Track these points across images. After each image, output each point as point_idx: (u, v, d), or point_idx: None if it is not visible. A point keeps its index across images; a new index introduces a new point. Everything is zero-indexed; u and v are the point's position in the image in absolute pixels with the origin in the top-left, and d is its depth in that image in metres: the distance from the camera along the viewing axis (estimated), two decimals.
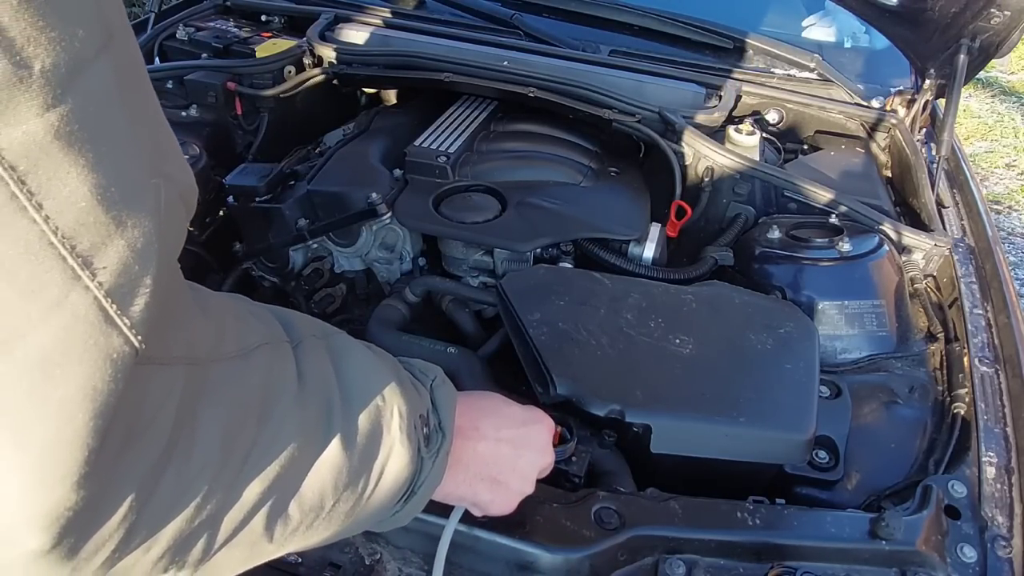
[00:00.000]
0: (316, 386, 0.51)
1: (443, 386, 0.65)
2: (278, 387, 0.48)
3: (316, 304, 1.29)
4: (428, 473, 0.61)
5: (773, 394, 0.89)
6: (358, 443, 0.53)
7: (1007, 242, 3.40)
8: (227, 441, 0.43)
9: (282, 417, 0.48)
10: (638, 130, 1.36)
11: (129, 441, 0.37)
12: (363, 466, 0.54)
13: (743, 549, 0.78)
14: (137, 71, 0.39)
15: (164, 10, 1.75)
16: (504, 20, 1.65)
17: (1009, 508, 0.84)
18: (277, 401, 0.48)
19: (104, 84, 0.34)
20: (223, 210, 1.31)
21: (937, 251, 1.22)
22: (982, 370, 1.02)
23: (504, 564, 0.75)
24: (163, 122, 0.42)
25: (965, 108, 4.46)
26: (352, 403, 0.54)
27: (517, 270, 1.16)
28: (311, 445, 0.50)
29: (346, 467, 0.52)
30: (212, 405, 0.43)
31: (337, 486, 0.52)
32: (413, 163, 1.27)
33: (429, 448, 0.61)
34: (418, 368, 0.66)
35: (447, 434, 0.63)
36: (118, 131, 0.35)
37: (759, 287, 1.11)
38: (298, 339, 0.53)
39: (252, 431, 0.45)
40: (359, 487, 0.54)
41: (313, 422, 0.50)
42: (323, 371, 0.53)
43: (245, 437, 0.45)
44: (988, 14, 1.27)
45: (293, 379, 0.50)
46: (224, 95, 1.43)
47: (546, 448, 0.73)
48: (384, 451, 0.55)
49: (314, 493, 0.50)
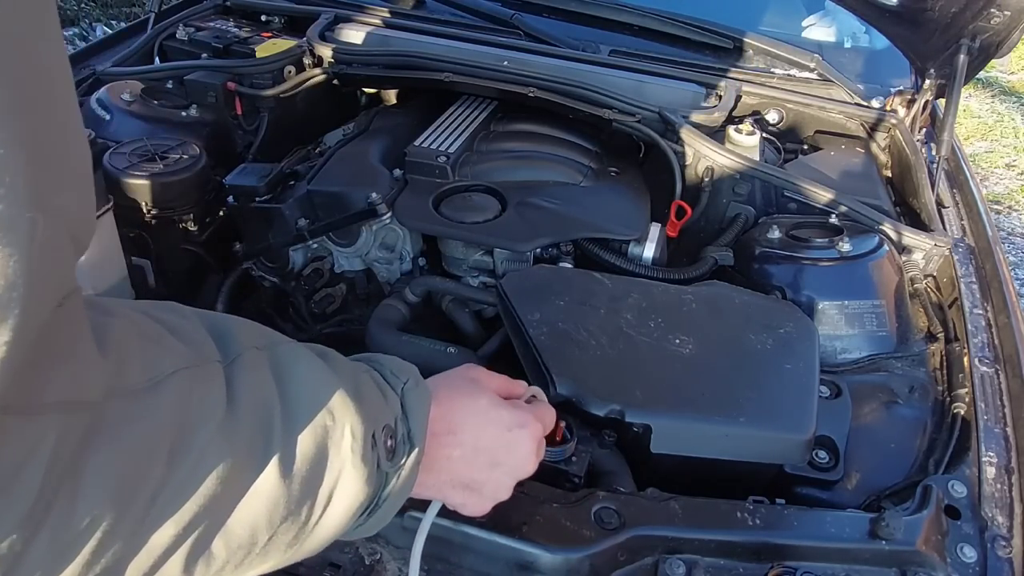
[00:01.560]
0: (251, 407, 0.47)
1: (415, 389, 0.61)
2: (198, 415, 0.44)
3: (316, 304, 1.29)
4: (393, 487, 0.57)
5: (773, 394, 0.89)
6: (299, 469, 0.49)
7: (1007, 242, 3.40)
8: (126, 487, 0.39)
9: (203, 449, 0.43)
10: (638, 130, 1.36)
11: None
12: (305, 494, 0.50)
13: (743, 549, 0.77)
14: (44, 88, 0.34)
15: (164, 10, 1.75)
16: (504, 20, 1.65)
17: (1009, 508, 0.84)
18: (196, 431, 0.43)
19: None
20: (223, 210, 1.31)
21: (937, 251, 1.22)
22: (982, 370, 1.02)
23: (504, 564, 0.75)
24: (70, 143, 0.37)
25: (965, 108, 4.46)
26: (295, 423, 0.49)
27: (517, 270, 1.16)
28: (240, 476, 0.46)
29: (284, 497, 0.48)
30: (104, 450, 0.38)
31: (272, 519, 0.48)
32: (413, 163, 1.27)
33: (394, 462, 0.57)
34: (390, 370, 0.61)
35: (417, 444, 0.59)
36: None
37: (759, 287, 1.11)
38: (235, 354, 0.49)
39: (161, 470, 0.41)
40: (302, 516, 0.50)
41: (244, 450, 0.46)
42: (262, 388, 0.49)
43: (152, 478, 0.41)
44: (988, 14, 1.27)
45: (220, 403, 0.46)
46: (224, 95, 1.43)
47: (528, 457, 0.68)
48: (332, 475, 0.51)
49: (244, 528, 0.46)
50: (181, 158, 1.25)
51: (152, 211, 1.22)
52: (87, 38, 4.26)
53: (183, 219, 1.27)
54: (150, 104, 1.42)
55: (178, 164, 1.24)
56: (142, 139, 1.27)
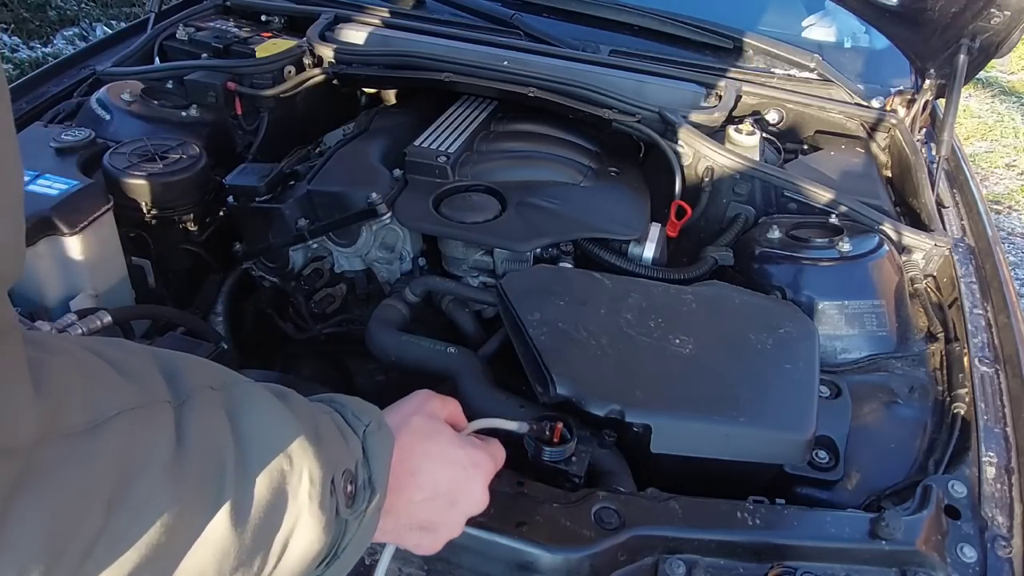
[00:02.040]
0: (202, 450, 0.45)
1: (378, 432, 0.58)
2: (142, 459, 0.41)
3: (316, 304, 1.29)
4: (354, 534, 0.55)
5: (773, 394, 0.89)
6: (252, 517, 0.46)
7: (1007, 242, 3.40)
8: (59, 537, 0.37)
9: (146, 495, 0.41)
10: (638, 130, 1.36)
11: None
12: (259, 544, 0.47)
13: (743, 549, 0.77)
14: None
15: (164, 10, 1.75)
16: (504, 20, 1.65)
17: (1009, 508, 0.84)
18: (139, 476, 0.41)
19: None
20: (223, 210, 1.31)
21: (937, 251, 1.22)
22: (982, 370, 1.02)
23: (504, 564, 0.75)
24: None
25: (965, 108, 4.46)
26: (249, 468, 0.47)
27: (517, 270, 1.16)
28: (188, 524, 0.43)
29: (235, 547, 0.45)
30: (39, 496, 0.36)
31: (222, 570, 0.45)
32: (413, 163, 1.27)
33: (354, 508, 0.55)
34: (352, 411, 0.59)
35: (378, 489, 0.57)
36: None
37: (759, 287, 1.11)
38: (187, 394, 0.46)
39: (99, 518, 0.38)
40: (254, 568, 0.47)
41: (193, 496, 0.43)
42: (215, 430, 0.46)
43: (88, 527, 0.38)
44: (988, 14, 1.27)
45: (167, 446, 0.43)
46: (224, 95, 1.43)
47: (482, 496, 0.67)
48: (287, 523, 0.49)
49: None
50: (181, 158, 1.25)
51: (152, 211, 1.22)
52: (87, 38, 4.26)
53: (183, 219, 1.27)
54: (150, 104, 1.42)
55: (178, 164, 1.24)
56: (142, 139, 1.27)
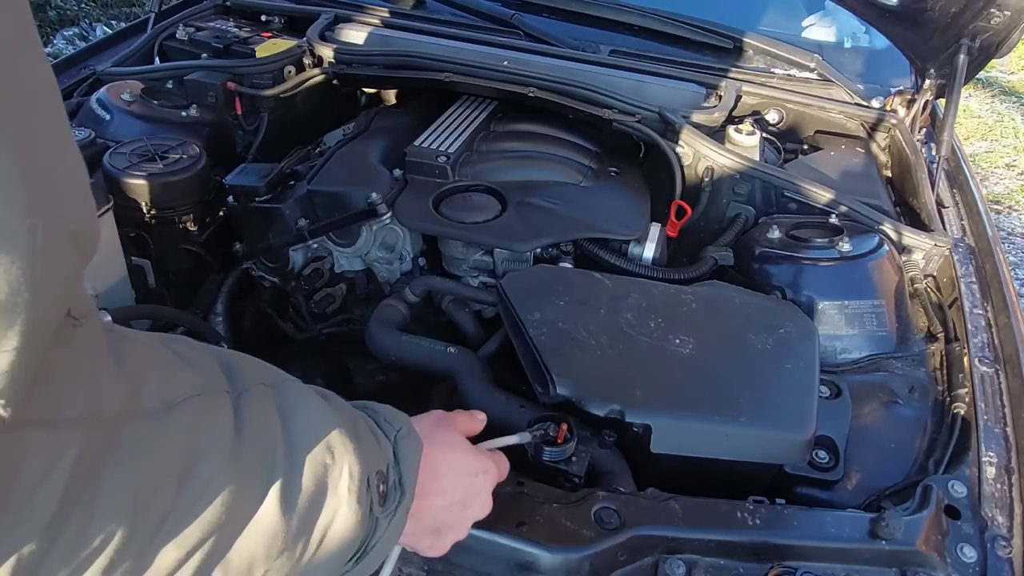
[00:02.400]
0: (256, 439, 0.48)
1: (408, 438, 0.61)
2: (207, 443, 0.44)
3: (316, 304, 1.29)
4: (383, 532, 0.58)
5: (773, 394, 0.89)
6: (299, 505, 0.49)
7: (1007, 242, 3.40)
8: (139, 506, 0.39)
9: (210, 476, 0.44)
10: (638, 130, 1.36)
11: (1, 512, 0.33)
12: (302, 530, 0.50)
13: (743, 549, 0.77)
14: (24, 95, 0.34)
15: (164, 10, 1.75)
16: (504, 20, 1.65)
17: (1009, 508, 0.84)
18: (205, 458, 0.44)
19: None
20: (223, 210, 1.31)
21: (937, 251, 1.22)
22: (982, 370, 1.02)
23: (504, 564, 0.75)
24: (63, 153, 0.37)
25: (965, 108, 4.46)
26: (297, 460, 0.50)
27: (517, 270, 1.16)
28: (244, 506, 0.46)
29: (283, 531, 0.48)
30: (120, 469, 0.39)
31: (270, 552, 0.48)
32: (413, 163, 1.27)
33: (385, 507, 0.57)
34: (384, 417, 0.62)
35: (407, 491, 0.59)
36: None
37: (759, 287, 1.11)
38: (242, 387, 0.50)
39: (171, 493, 0.42)
40: (296, 552, 0.50)
41: (249, 480, 0.46)
42: (267, 423, 0.49)
43: (162, 500, 0.41)
44: (988, 14, 1.27)
45: (228, 433, 0.46)
46: (224, 95, 1.43)
47: (488, 501, 0.71)
48: (328, 513, 0.52)
49: (242, 559, 0.46)
50: (181, 158, 1.25)
51: (152, 211, 1.22)
52: (87, 38, 4.26)
53: (183, 219, 1.27)
54: (150, 104, 1.42)
55: (178, 164, 1.24)
56: (142, 139, 1.27)
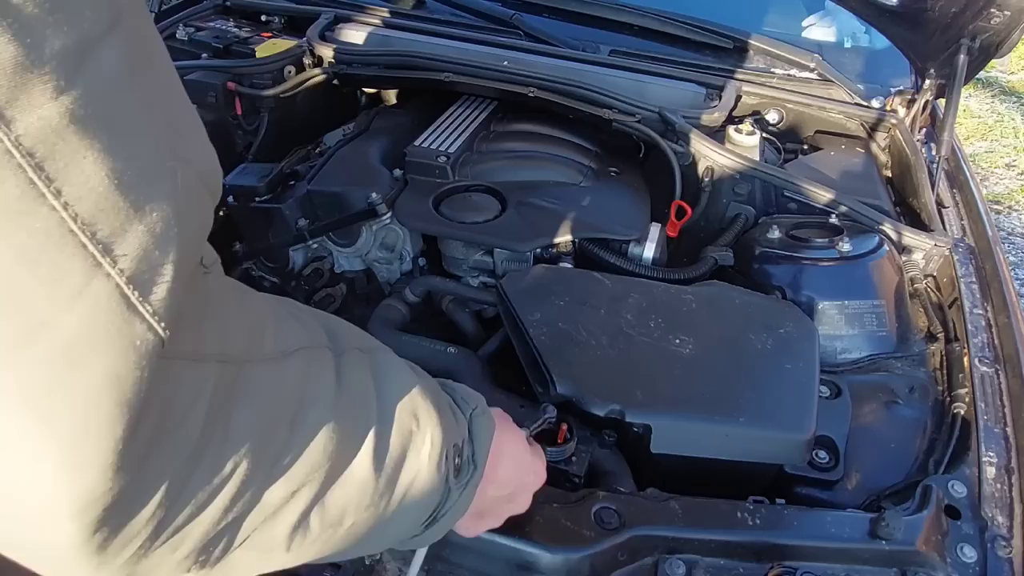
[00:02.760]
0: (354, 398, 0.50)
1: (482, 417, 0.64)
2: (314, 392, 0.47)
3: (316, 304, 1.29)
4: (454, 503, 0.60)
5: (773, 394, 0.89)
6: (387, 464, 0.52)
7: (1007, 242, 3.40)
8: (258, 443, 0.42)
9: (316, 424, 0.46)
10: (638, 130, 1.36)
11: (160, 435, 0.36)
12: (387, 488, 0.52)
13: (743, 549, 0.77)
14: (150, 50, 0.37)
15: (164, 10, 1.75)
16: (504, 20, 1.65)
17: (1009, 508, 0.84)
18: (312, 407, 0.46)
19: (114, 65, 0.33)
20: (223, 210, 1.31)
21: (937, 251, 1.22)
22: (982, 370, 1.02)
23: (504, 564, 0.75)
24: (183, 102, 0.41)
25: (965, 108, 4.46)
26: (387, 422, 0.53)
27: (517, 270, 1.16)
28: (341, 457, 0.48)
29: (372, 486, 0.51)
30: (245, 404, 0.42)
31: (360, 504, 0.50)
32: (413, 163, 1.27)
33: (459, 479, 0.60)
34: (460, 395, 0.64)
35: (479, 467, 0.62)
36: (131, 113, 0.34)
37: (759, 287, 1.10)
38: (341, 349, 0.52)
39: (284, 434, 0.44)
40: (380, 508, 0.53)
41: (346, 434, 0.49)
42: (363, 385, 0.52)
43: (277, 440, 0.44)
44: (988, 14, 1.27)
45: (331, 386, 0.49)
46: (224, 95, 1.43)
47: (529, 501, 0.73)
48: (409, 475, 0.54)
49: (337, 507, 0.49)
50: None
51: None
52: None
53: None
54: None
55: None
56: None
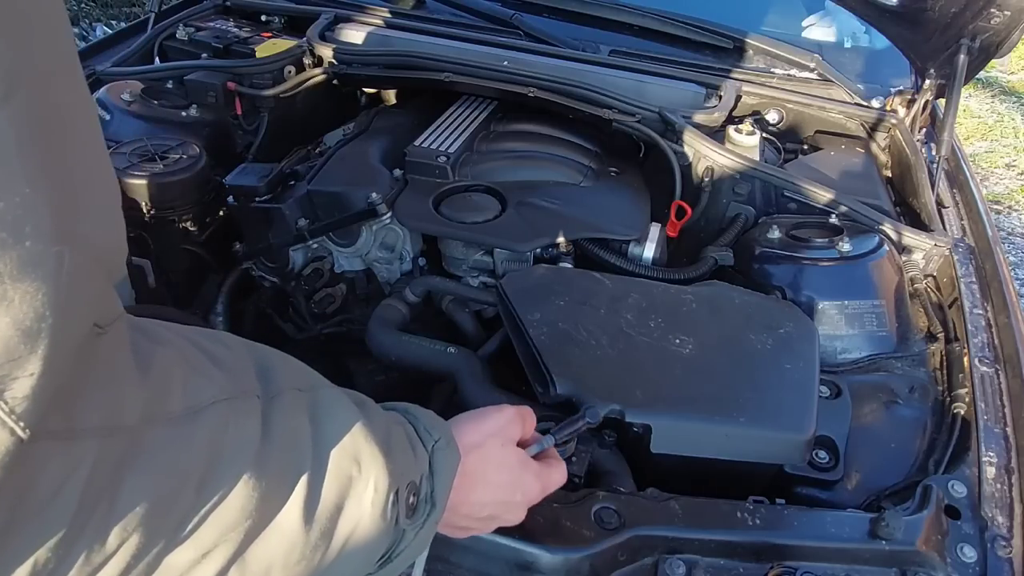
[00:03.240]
0: (283, 447, 0.48)
1: (446, 450, 0.61)
2: (232, 447, 0.44)
3: (316, 304, 1.29)
4: (409, 543, 0.58)
5: (773, 394, 0.89)
6: (320, 515, 0.49)
7: (1007, 242, 3.40)
8: (157, 510, 0.40)
9: (231, 481, 0.44)
10: (638, 130, 1.36)
11: (13, 525, 0.33)
12: (322, 540, 0.50)
13: (743, 549, 0.77)
14: (62, 119, 0.35)
15: (164, 10, 1.75)
16: (504, 20, 1.65)
17: (1009, 508, 0.84)
18: (228, 462, 0.44)
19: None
20: (223, 210, 1.31)
21: (937, 251, 1.22)
22: (982, 370, 1.02)
23: (504, 564, 0.75)
24: (97, 175, 0.38)
25: (965, 108, 4.46)
26: (321, 470, 0.50)
27: (517, 270, 1.16)
28: (264, 511, 0.46)
29: (302, 540, 0.48)
30: (142, 473, 0.39)
31: (288, 560, 0.48)
32: (413, 163, 1.27)
33: (413, 520, 0.57)
34: (424, 425, 0.62)
35: (438, 504, 0.59)
36: (11, 192, 0.31)
37: (759, 287, 1.10)
38: (275, 392, 0.49)
39: (191, 497, 0.42)
40: (315, 560, 0.50)
41: (271, 488, 0.46)
42: (295, 430, 0.49)
43: (181, 504, 0.41)
44: (988, 14, 1.27)
45: (254, 438, 0.46)
46: (224, 95, 1.43)
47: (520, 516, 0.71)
48: (348, 524, 0.51)
49: (260, 564, 0.46)
50: (181, 158, 1.25)
51: (152, 211, 1.22)
52: (87, 38, 4.26)
53: (183, 219, 1.27)
54: (150, 104, 1.42)
55: (178, 164, 1.24)
56: (142, 139, 1.27)
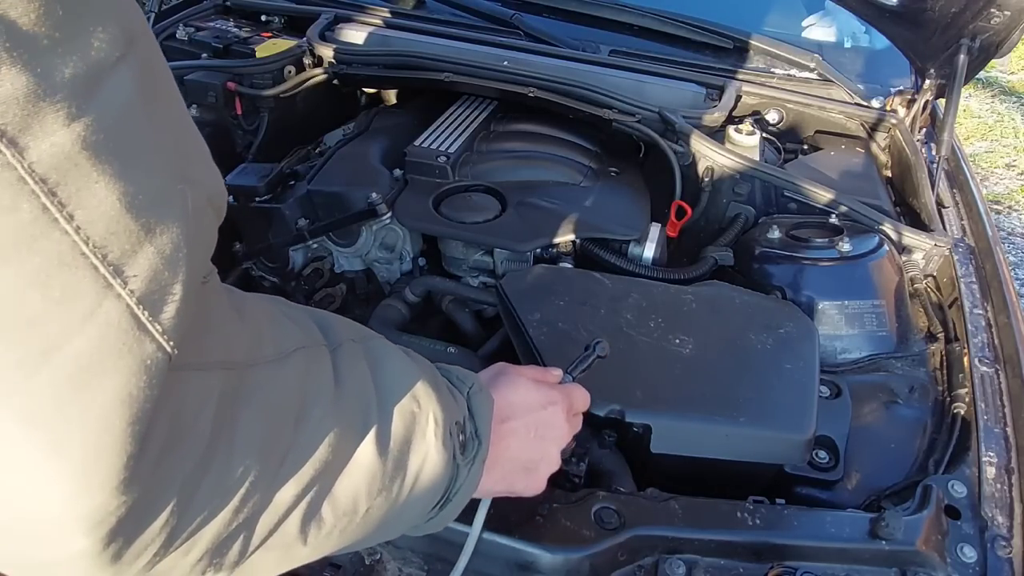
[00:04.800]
0: (353, 390, 0.52)
1: (480, 393, 0.65)
2: (315, 390, 0.48)
3: (316, 304, 1.29)
4: (464, 480, 0.61)
5: (773, 394, 0.89)
6: (392, 448, 0.53)
7: (1007, 242, 3.40)
8: (265, 444, 0.44)
9: (319, 420, 0.48)
10: (638, 130, 1.36)
11: (169, 446, 0.37)
12: (397, 471, 0.54)
13: (743, 549, 0.77)
14: (159, 75, 0.39)
15: (164, 10, 1.75)
16: (504, 20, 1.65)
17: (1009, 508, 0.84)
18: (314, 404, 0.48)
19: (126, 91, 0.34)
20: None
21: (937, 251, 1.22)
22: (982, 370, 1.02)
23: (504, 564, 0.75)
24: (189, 125, 0.42)
25: (965, 108, 4.46)
26: (388, 408, 0.54)
27: (517, 270, 1.16)
28: (346, 448, 0.50)
29: (380, 472, 0.52)
30: (250, 408, 0.43)
31: (371, 491, 0.52)
32: (413, 163, 1.27)
33: (465, 455, 0.61)
34: (455, 375, 0.65)
35: (483, 441, 0.63)
36: (142, 138, 0.35)
37: (759, 287, 1.10)
38: (336, 343, 0.53)
39: (289, 433, 0.46)
40: (393, 492, 0.54)
41: (349, 425, 0.50)
42: (360, 375, 0.53)
43: (282, 439, 0.45)
44: (988, 14, 1.27)
45: (330, 383, 0.50)
46: (224, 95, 1.43)
47: (564, 426, 0.73)
48: (418, 457, 0.55)
49: (348, 497, 0.50)
50: None
51: None
52: None
53: None
54: None
55: None
56: None
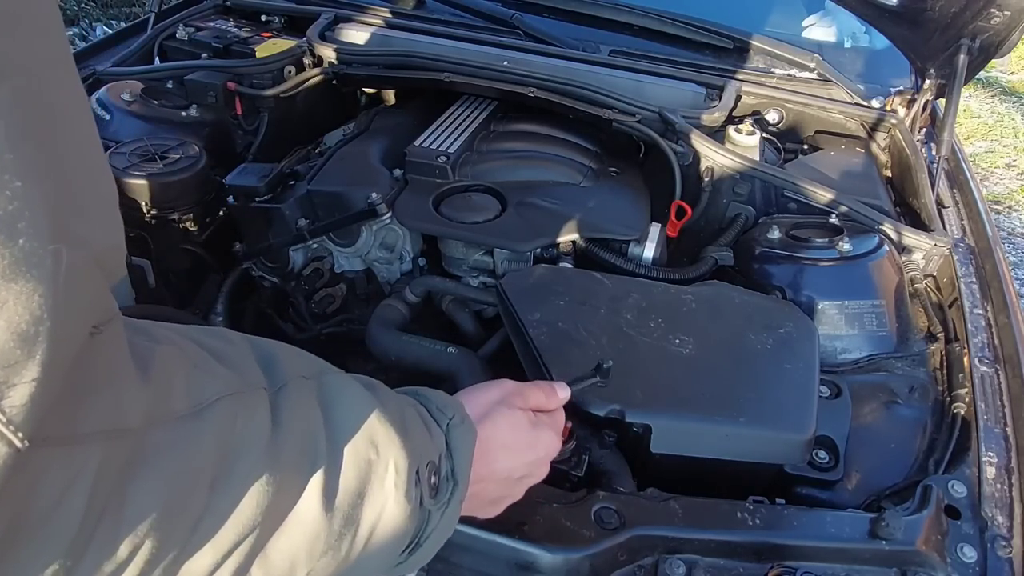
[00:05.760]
0: (295, 436, 0.47)
1: (461, 427, 0.60)
2: (242, 442, 0.43)
3: (316, 304, 1.29)
4: (436, 524, 0.57)
5: (773, 394, 0.89)
6: (341, 502, 0.48)
7: (1007, 242, 3.40)
8: (168, 513, 0.39)
9: (244, 475, 0.43)
10: (638, 130, 1.36)
11: (18, 535, 0.32)
12: (347, 527, 0.49)
13: (743, 549, 0.77)
14: (55, 114, 0.34)
15: (164, 10, 1.75)
16: (504, 20, 1.65)
17: (1009, 508, 0.84)
18: (239, 458, 0.43)
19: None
20: (223, 210, 1.31)
21: (937, 251, 1.22)
22: (982, 370, 1.02)
23: (504, 564, 0.75)
24: (93, 173, 0.37)
25: (965, 108, 4.46)
26: (339, 456, 0.49)
27: (517, 270, 1.16)
28: (281, 504, 0.45)
29: (325, 529, 0.47)
30: (146, 476, 0.38)
31: (312, 552, 0.47)
32: (413, 163, 1.27)
33: (437, 500, 0.56)
34: (436, 405, 0.61)
35: (460, 482, 0.58)
36: (2, 186, 0.30)
37: (759, 287, 1.10)
38: (281, 382, 0.49)
39: (203, 496, 0.41)
40: (342, 551, 0.49)
41: (287, 480, 0.45)
42: (306, 418, 0.48)
43: (194, 504, 0.40)
44: (988, 14, 1.27)
45: (264, 430, 0.45)
46: (224, 95, 1.43)
47: (545, 469, 0.71)
48: (374, 510, 0.50)
49: (284, 559, 0.46)
50: (181, 158, 1.25)
51: (152, 211, 1.22)
52: (87, 38, 4.26)
53: (183, 219, 1.27)
54: (150, 104, 1.42)
55: (178, 164, 1.24)
56: (142, 139, 1.27)
